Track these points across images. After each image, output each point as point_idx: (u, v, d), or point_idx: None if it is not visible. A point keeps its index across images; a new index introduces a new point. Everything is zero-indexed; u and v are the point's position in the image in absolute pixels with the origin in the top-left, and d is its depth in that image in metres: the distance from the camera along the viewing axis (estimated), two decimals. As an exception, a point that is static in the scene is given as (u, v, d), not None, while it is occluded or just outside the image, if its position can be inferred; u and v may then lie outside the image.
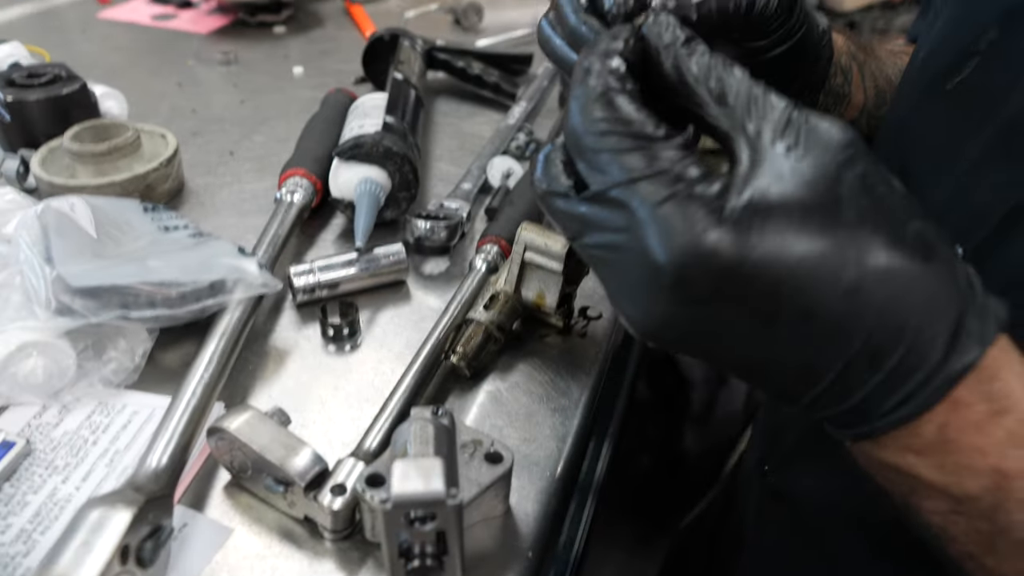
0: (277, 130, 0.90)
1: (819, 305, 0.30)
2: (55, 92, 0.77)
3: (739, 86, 0.33)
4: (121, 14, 1.28)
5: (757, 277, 0.30)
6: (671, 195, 0.30)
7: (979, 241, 0.47)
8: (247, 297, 0.55)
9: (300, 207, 0.67)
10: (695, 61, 0.34)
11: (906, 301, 0.31)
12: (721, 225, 0.30)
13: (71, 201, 0.58)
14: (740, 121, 0.32)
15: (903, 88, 0.57)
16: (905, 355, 0.31)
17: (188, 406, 0.47)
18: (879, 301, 0.31)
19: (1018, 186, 0.44)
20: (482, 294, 0.57)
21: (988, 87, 0.48)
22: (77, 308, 0.49)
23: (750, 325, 0.31)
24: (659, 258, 0.30)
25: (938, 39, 0.53)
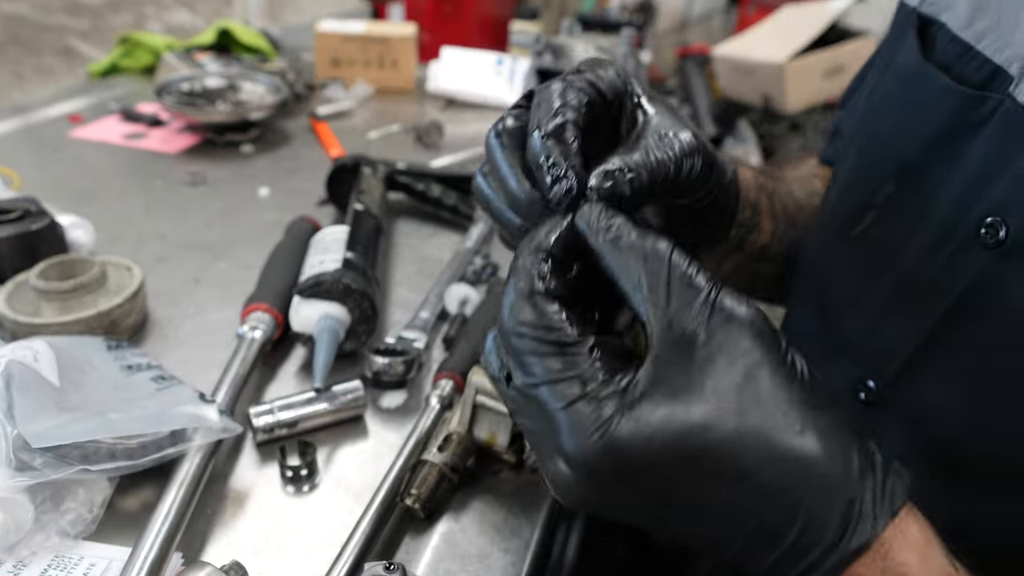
0: (242, 256, 0.93)
1: (711, 493, 0.34)
2: (24, 228, 0.79)
3: (660, 273, 0.36)
4: (93, 133, 1.32)
5: (652, 467, 0.34)
6: (580, 396, 0.34)
7: (890, 376, 0.51)
8: (206, 442, 0.57)
9: (261, 343, 0.69)
10: (620, 251, 0.37)
11: (799, 486, 0.34)
12: (622, 421, 0.33)
13: (36, 348, 0.59)
14: (658, 310, 0.35)
15: (818, 228, 0.60)
16: (800, 534, 0.34)
17: (146, 562, 0.48)
18: (773, 487, 0.34)
19: (918, 331, 0.48)
20: (436, 433, 0.59)
21: (885, 239, 0.52)
22: (37, 465, 0.51)
23: (654, 507, 0.36)
24: (569, 451, 0.34)
25: (843, 187, 0.57)
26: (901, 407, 0.51)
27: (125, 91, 1.55)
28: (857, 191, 0.55)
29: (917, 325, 0.49)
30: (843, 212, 0.55)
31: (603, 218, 0.38)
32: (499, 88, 1.55)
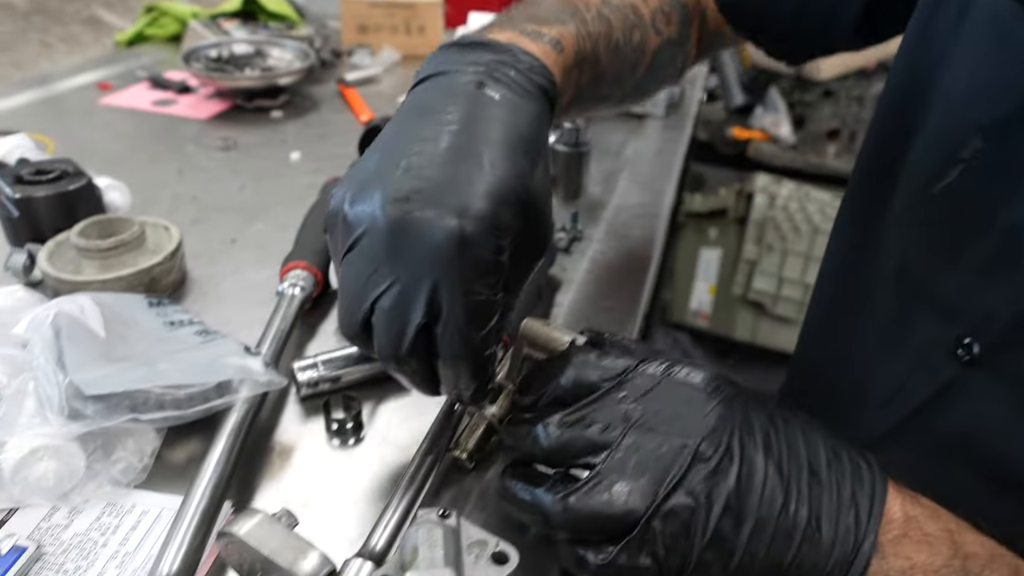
0: (277, 217, 0.93)
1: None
2: (62, 188, 0.79)
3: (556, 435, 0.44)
4: (122, 100, 1.32)
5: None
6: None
7: (995, 336, 0.49)
8: (252, 395, 0.57)
9: (302, 300, 0.69)
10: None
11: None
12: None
13: (80, 303, 0.59)
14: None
15: (895, 183, 0.59)
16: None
17: (198, 509, 0.48)
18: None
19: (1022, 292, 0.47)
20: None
21: (979, 194, 0.50)
22: (89, 413, 0.51)
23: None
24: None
25: (923, 145, 0.55)
26: (1005, 368, 0.50)
27: (152, 59, 1.55)
28: (939, 146, 0.53)
29: (1018, 286, 0.47)
30: (922, 171, 0.54)
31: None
32: (527, 53, 1.53)
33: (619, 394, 0.43)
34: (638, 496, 0.40)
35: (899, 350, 0.58)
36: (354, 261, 0.43)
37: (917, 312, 0.56)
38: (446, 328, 0.42)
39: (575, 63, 0.57)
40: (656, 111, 1.29)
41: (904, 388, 0.57)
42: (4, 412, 0.51)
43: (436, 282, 0.41)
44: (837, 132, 2.34)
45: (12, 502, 0.52)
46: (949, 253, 0.52)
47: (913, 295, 0.56)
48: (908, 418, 0.57)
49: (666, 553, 0.40)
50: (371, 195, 0.42)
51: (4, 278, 0.77)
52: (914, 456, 0.57)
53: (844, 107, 2.28)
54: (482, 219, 0.41)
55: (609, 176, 1.09)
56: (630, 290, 0.81)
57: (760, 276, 2.21)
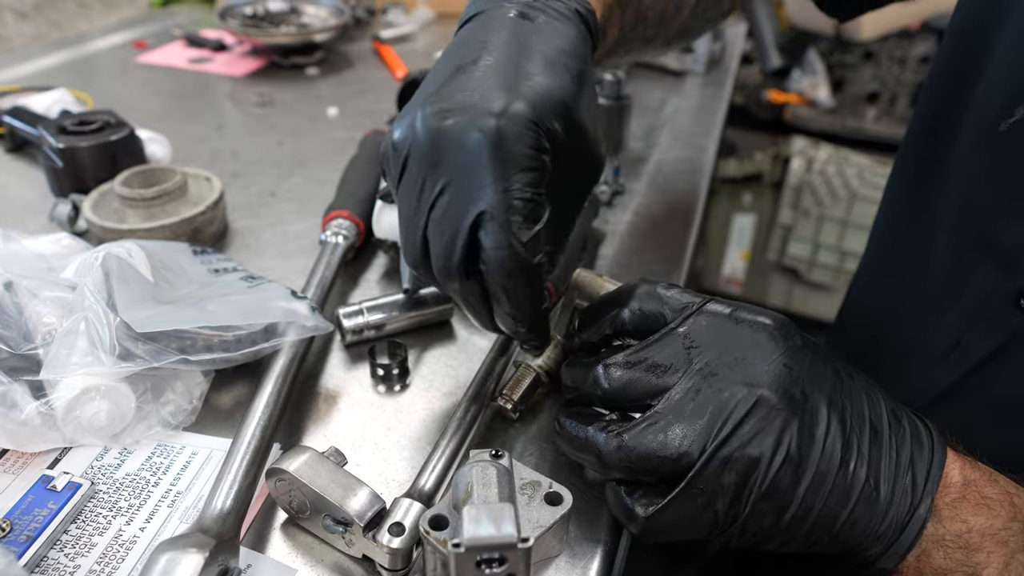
0: (315, 171, 0.92)
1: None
2: (105, 139, 0.79)
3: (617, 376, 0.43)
4: (158, 58, 1.31)
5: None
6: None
7: None
8: (299, 339, 0.57)
9: (345, 248, 0.68)
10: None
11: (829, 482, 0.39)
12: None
13: (128, 247, 0.59)
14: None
15: (957, 122, 0.57)
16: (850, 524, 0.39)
17: (249, 448, 0.48)
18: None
19: None
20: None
21: None
22: (139, 353, 0.51)
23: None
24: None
25: (991, 80, 0.53)
26: None
27: (186, 19, 1.55)
28: (1008, 80, 0.51)
29: None
30: (991, 106, 0.52)
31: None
32: (563, 11, 1.50)
33: (681, 329, 0.42)
34: (693, 439, 0.39)
35: (957, 302, 0.56)
36: (405, 184, 0.43)
37: (978, 261, 0.53)
38: (489, 229, 0.41)
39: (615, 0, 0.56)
40: (696, 68, 1.27)
41: (961, 343, 0.55)
42: (56, 352, 0.51)
43: (478, 182, 0.40)
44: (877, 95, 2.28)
45: (65, 441, 0.52)
46: (1014, 195, 0.50)
47: (974, 243, 0.54)
48: (967, 374, 0.55)
49: (719, 502, 0.39)
50: (411, 116, 0.42)
51: (50, 228, 0.77)
52: (972, 414, 0.55)
53: (885, 69, 2.22)
54: (518, 116, 0.40)
55: (650, 132, 1.07)
56: (673, 243, 0.79)
57: (795, 242, 2.18)
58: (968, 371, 0.55)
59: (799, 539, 0.40)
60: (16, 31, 1.49)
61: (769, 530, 0.39)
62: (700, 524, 0.40)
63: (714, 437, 0.38)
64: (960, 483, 0.41)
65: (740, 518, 0.39)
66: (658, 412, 0.40)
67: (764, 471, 0.38)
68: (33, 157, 0.94)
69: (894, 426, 0.41)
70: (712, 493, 0.39)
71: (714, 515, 0.39)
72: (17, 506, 0.47)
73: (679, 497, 0.39)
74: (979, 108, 0.53)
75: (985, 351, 0.54)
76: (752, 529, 0.40)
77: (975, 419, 0.54)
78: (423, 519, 0.41)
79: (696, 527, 0.40)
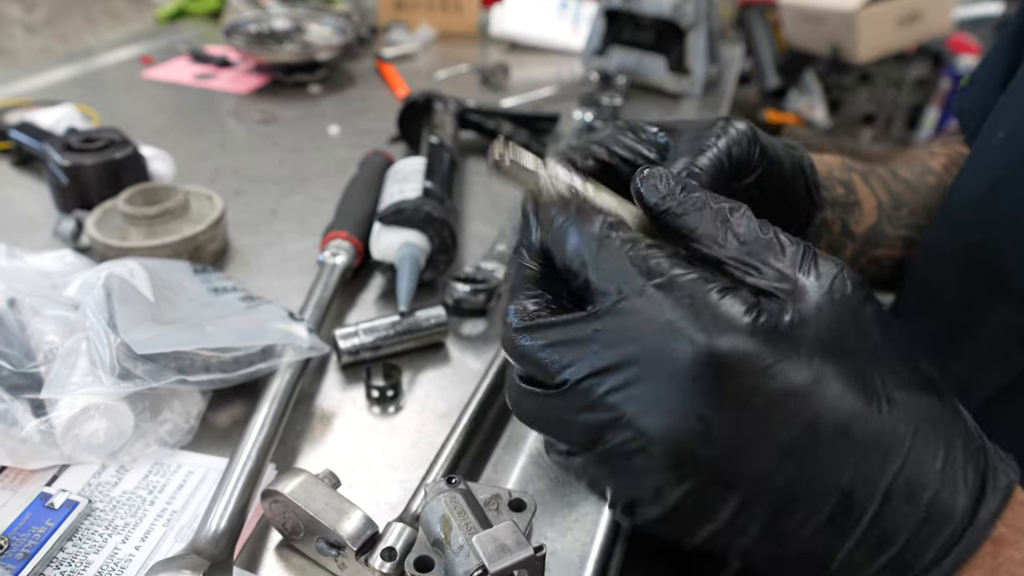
0: (316, 190, 0.93)
1: (854, 422, 0.30)
2: (109, 157, 0.80)
3: (749, 226, 0.33)
4: (164, 74, 1.33)
5: (795, 390, 0.29)
6: (714, 288, 0.30)
7: None
8: (296, 360, 0.57)
9: (343, 269, 0.70)
10: (704, 212, 0.34)
11: (931, 428, 0.31)
12: (766, 330, 0.29)
13: (129, 266, 0.61)
14: (760, 258, 0.32)
15: (980, 166, 0.58)
16: (939, 489, 0.30)
17: (244, 469, 0.49)
18: (913, 422, 0.31)
19: None
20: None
21: None
22: (139, 373, 0.52)
23: (786, 439, 0.30)
24: (701, 344, 0.29)
25: (1017, 123, 0.54)
26: None
27: (192, 34, 1.56)
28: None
29: None
30: (1017, 147, 0.53)
31: (668, 179, 0.35)
32: (563, 31, 1.52)
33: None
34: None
35: (971, 343, 0.55)
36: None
37: (989, 299, 0.53)
38: None
39: (845, 168, 0.59)
40: (694, 90, 1.28)
41: (971, 383, 0.54)
42: (57, 371, 0.52)
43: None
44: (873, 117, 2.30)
45: (63, 459, 0.53)
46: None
47: (986, 281, 0.54)
48: (974, 415, 0.54)
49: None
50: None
51: (53, 243, 0.78)
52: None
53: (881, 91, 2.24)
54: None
55: (646, 155, 1.08)
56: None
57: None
58: (972, 413, 0.54)
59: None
60: (25, 45, 1.51)
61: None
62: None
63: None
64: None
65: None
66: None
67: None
68: (39, 171, 0.95)
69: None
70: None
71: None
72: (15, 523, 0.48)
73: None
74: (999, 153, 0.54)
75: (991, 391, 0.52)
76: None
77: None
78: (407, 564, 0.42)
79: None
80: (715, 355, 0.29)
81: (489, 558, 0.37)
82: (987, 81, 0.66)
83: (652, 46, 1.30)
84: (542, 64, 1.47)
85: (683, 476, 0.31)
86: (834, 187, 0.57)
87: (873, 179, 0.61)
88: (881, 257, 0.63)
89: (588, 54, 1.36)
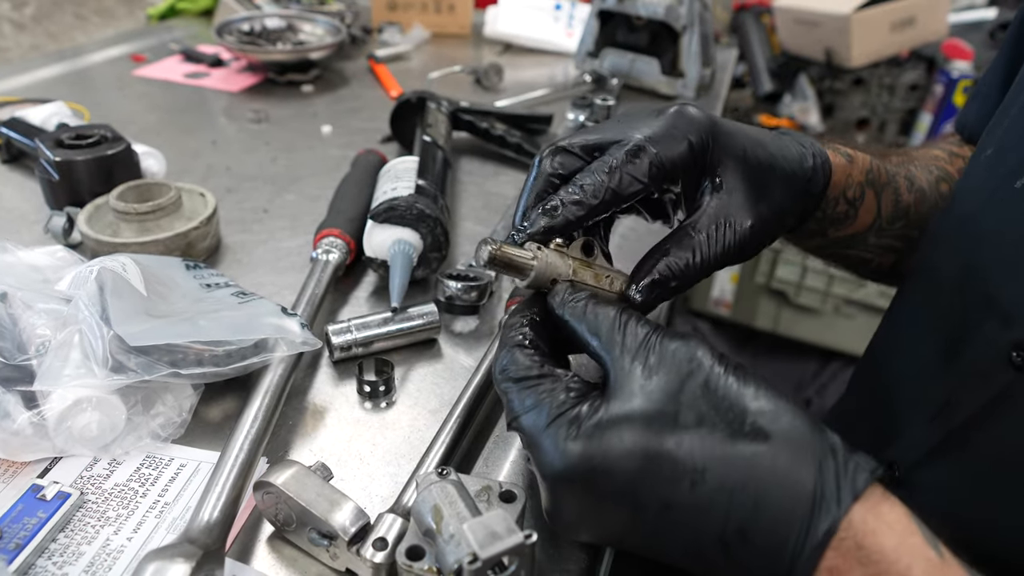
0: (308, 188, 0.94)
1: (672, 494, 0.38)
2: (101, 153, 0.80)
3: (605, 323, 0.43)
4: (155, 72, 1.33)
5: (613, 475, 0.38)
6: (553, 419, 0.40)
7: None
8: (288, 355, 0.58)
9: (335, 266, 0.70)
10: (573, 313, 0.45)
11: (754, 481, 0.37)
12: (579, 439, 0.39)
13: (122, 260, 0.61)
14: (608, 350, 0.42)
15: (968, 184, 0.58)
16: (771, 528, 0.37)
17: (236, 461, 0.49)
18: (728, 484, 0.37)
19: None
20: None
21: None
22: (131, 366, 0.52)
23: (627, 515, 0.39)
24: (549, 466, 0.40)
25: (1006, 140, 0.54)
26: None
27: (184, 33, 1.56)
28: (1019, 145, 0.53)
29: None
30: (1005, 165, 0.53)
31: (563, 295, 0.46)
32: (557, 33, 1.53)
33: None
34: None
35: (960, 356, 0.55)
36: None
37: (977, 316, 0.53)
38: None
39: (866, 181, 0.59)
40: (687, 92, 1.29)
41: (951, 401, 0.54)
42: (50, 364, 0.52)
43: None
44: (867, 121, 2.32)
45: (55, 451, 0.53)
46: (1013, 255, 0.51)
47: (976, 299, 0.53)
48: (950, 433, 0.54)
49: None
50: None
51: (44, 240, 0.78)
52: (949, 478, 0.54)
53: (875, 96, 2.25)
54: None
55: (638, 156, 1.08)
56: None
57: (783, 265, 2.20)
58: (953, 429, 0.54)
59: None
60: (14, 42, 1.51)
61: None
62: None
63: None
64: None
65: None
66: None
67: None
68: (29, 168, 0.95)
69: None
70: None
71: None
72: (7, 514, 0.48)
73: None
74: (988, 171, 0.55)
75: (972, 409, 0.53)
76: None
77: (952, 483, 0.53)
78: (399, 553, 0.42)
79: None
80: (558, 475, 0.40)
81: (480, 544, 0.37)
82: (987, 95, 0.67)
83: (645, 48, 1.31)
84: (536, 66, 1.47)
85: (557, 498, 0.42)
86: (837, 205, 0.58)
87: (886, 192, 0.61)
88: (850, 256, 0.64)
89: (581, 56, 1.37)
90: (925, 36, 2.10)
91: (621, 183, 0.47)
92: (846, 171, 0.58)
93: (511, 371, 0.43)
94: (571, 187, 0.47)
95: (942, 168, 0.67)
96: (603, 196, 0.46)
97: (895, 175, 0.62)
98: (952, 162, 0.69)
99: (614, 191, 0.46)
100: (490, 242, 0.45)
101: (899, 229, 0.63)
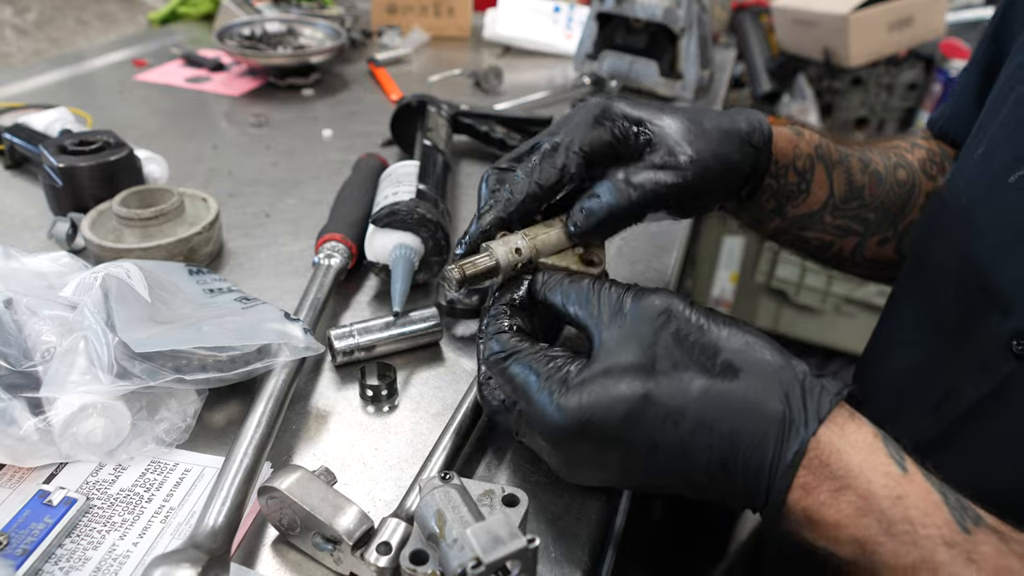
0: (309, 192, 0.94)
1: (657, 435, 0.42)
2: (104, 159, 0.81)
3: (582, 293, 0.48)
4: (156, 77, 1.33)
5: (605, 423, 0.42)
6: (545, 383, 0.44)
7: None
8: (292, 360, 0.58)
9: (337, 271, 0.70)
10: (552, 291, 0.50)
11: (727, 412, 0.41)
12: (571, 395, 0.43)
13: (126, 267, 0.61)
14: (587, 315, 0.47)
15: (962, 180, 0.59)
16: (746, 460, 0.41)
17: (241, 466, 0.50)
18: (706, 419, 0.41)
19: None
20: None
21: None
22: (136, 372, 0.53)
23: (619, 457, 0.43)
24: (548, 424, 0.44)
25: (996, 137, 0.55)
26: None
27: (185, 37, 1.57)
28: (1013, 139, 0.54)
29: None
30: (996, 162, 0.54)
31: (546, 276, 0.51)
32: (556, 36, 1.53)
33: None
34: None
35: (960, 347, 0.56)
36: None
37: (978, 308, 0.54)
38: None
39: (816, 155, 0.61)
40: (685, 94, 1.29)
41: (954, 391, 0.55)
42: (55, 370, 0.53)
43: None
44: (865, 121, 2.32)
45: (61, 457, 0.53)
46: (1010, 245, 0.52)
47: (976, 291, 0.54)
48: (953, 423, 0.55)
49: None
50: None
51: (48, 246, 0.79)
52: (952, 465, 0.54)
53: (873, 95, 2.26)
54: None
55: (638, 158, 1.09)
56: (657, 271, 0.81)
57: (783, 264, 2.21)
58: (954, 420, 0.55)
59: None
60: (16, 47, 1.51)
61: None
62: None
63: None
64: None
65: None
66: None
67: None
68: (32, 174, 0.96)
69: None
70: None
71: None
72: (14, 520, 0.49)
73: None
74: (982, 165, 0.55)
75: (975, 398, 0.54)
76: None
77: (953, 473, 0.54)
78: (403, 558, 0.42)
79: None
80: (556, 431, 0.44)
81: (483, 549, 0.37)
82: (961, 93, 0.69)
83: (644, 50, 1.32)
84: (535, 68, 1.48)
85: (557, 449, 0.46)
86: (787, 175, 0.60)
87: (838, 170, 0.62)
88: (809, 239, 0.65)
89: (580, 58, 1.37)
90: (923, 35, 2.10)
91: (542, 176, 0.52)
92: (793, 141, 0.60)
93: (498, 350, 0.48)
94: (502, 191, 0.54)
95: (901, 156, 0.68)
96: (528, 190, 0.52)
97: (848, 155, 0.64)
98: (913, 151, 0.69)
99: (537, 183, 0.52)
100: (447, 270, 0.51)
101: (854, 209, 0.64)
